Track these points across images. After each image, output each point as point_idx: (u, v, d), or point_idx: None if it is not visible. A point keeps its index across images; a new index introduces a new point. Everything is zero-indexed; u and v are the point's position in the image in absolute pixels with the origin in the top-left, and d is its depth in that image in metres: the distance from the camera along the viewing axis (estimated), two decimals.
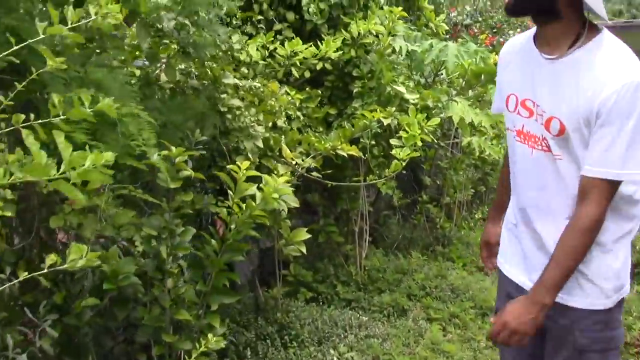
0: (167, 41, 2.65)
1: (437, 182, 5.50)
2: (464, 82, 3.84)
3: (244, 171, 2.38)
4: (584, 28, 1.66)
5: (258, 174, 2.47)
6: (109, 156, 1.38)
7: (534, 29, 1.81)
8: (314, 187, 4.03)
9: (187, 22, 2.53)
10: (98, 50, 2.46)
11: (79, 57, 2.49)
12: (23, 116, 1.45)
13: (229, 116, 2.86)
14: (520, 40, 1.88)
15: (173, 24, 2.49)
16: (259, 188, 2.46)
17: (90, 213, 2.29)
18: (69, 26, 1.51)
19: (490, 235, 2.25)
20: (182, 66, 2.91)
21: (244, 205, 2.47)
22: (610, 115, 1.58)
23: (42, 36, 1.44)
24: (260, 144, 2.94)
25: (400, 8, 3.91)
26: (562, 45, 1.68)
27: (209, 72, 2.87)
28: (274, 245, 3.34)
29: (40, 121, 1.48)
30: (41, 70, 1.54)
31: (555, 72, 1.69)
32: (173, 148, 2.37)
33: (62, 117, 1.48)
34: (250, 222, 2.44)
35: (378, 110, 3.37)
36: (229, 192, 2.45)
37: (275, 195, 2.49)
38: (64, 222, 2.23)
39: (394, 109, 3.47)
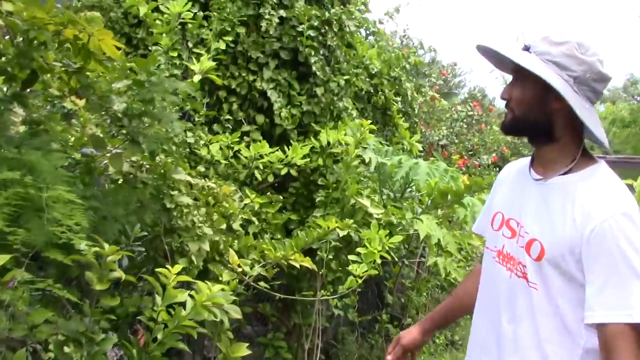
0: (116, 129, 2.51)
1: (401, 300, 5.28)
2: (430, 201, 3.73)
3: (174, 276, 2.16)
4: (579, 154, 1.60)
5: (189, 279, 2.26)
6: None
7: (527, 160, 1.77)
8: (267, 297, 3.79)
9: (138, 108, 2.41)
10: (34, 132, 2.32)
11: (17, 139, 2.34)
12: None
13: (175, 213, 2.67)
14: (519, 164, 1.82)
15: (123, 108, 2.37)
16: (191, 296, 2.24)
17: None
18: None
19: (407, 336, 1.99)
20: (134, 158, 2.77)
21: (174, 313, 2.24)
22: (597, 253, 1.47)
23: None
24: (206, 246, 2.74)
25: (369, 121, 3.86)
26: (557, 169, 1.61)
27: (160, 167, 2.71)
28: (213, 358, 3.07)
29: None
30: None
31: (542, 193, 1.62)
32: (106, 245, 2.17)
33: None
34: (177, 333, 2.20)
35: (333, 220, 3.22)
36: (157, 297, 2.22)
37: (210, 304, 2.28)
38: None
39: (351, 221, 3.32)
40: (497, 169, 13.34)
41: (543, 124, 1.61)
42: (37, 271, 2.33)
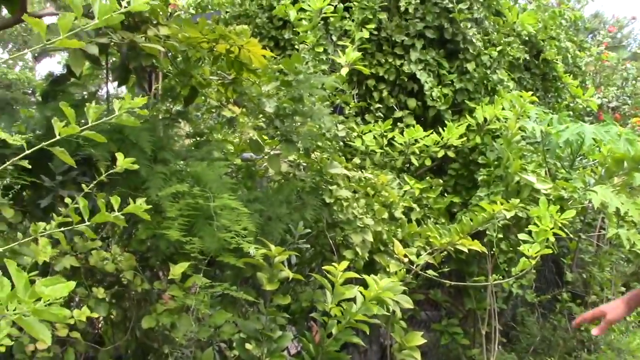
0: (272, 130, 2.59)
1: (582, 277, 4.93)
2: (603, 170, 3.42)
3: (341, 273, 2.17)
4: None
5: (355, 275, 2.25)
6: (69, 286, 1.05)
7: None
8: (437, 283, 3.72)
9: (288, 107, 2.45)
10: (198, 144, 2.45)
11: (182, 151, 2.49)
12: (43, 224, 1.37)
13: (336, 207, 2.69)
14: None
15: (274, 109, 2.43)
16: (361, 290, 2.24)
17: (184, 313, 2.20)
18: (90, 124, 1.38)
19: (614, 312, 1.91)
20: (291, 157, 2.83)
21: (345, 309, 2.25)
22: None
23: (57, 137, 1.33)
24: (369, 237, 2.74)
25: (530, 93, 3.62)
26: None
27: (316, 163, 2.75)
28: (386, 347, 3.06)
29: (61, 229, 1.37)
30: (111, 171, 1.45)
31: None
32: (272, 246, 2.24)
33: (87, 223, 1.37)
34: (350, 328, 2.21)
35: (499, 202, 3.06)
36: (327, 294, 2.25)
37: (383, 297, 2.27)
38: (156, 323, 2.15)
39: (517, 200, 3.13)
40: None
41: None
42: (214, 275, 2.47)
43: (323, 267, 2.32)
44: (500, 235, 3.29)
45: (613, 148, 3.39)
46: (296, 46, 3.86)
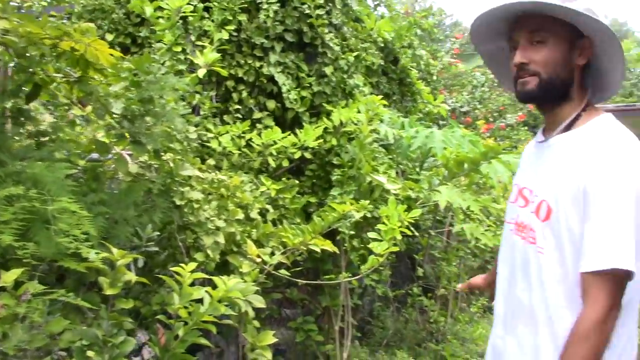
0: (119, 131, 2.53)
1: (435, 271, 5.24)
2: (446, 172, 3.66)
3: (189, 273, 2.18)
4: (584, 109, 1.61)
5: (203, 275, 2.27)
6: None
7: None
8: (295, 282, 3.81)
9: (137, 108, 2.41)
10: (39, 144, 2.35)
11: (21, 151, 2.38)
12: None
13: (186, 210, 2.68)
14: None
15: (120, 111, 2.38)
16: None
17: (17, 322, 2.10)
18: None
19: (476, 279, 2.23)
20: (142, 158, 2.79)
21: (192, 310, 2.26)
22: (595, 193, 1.46)
23: None
24: (221, 239, 2.75)
25: (380, 97, 3.80)
26: (561, 128, 1.63)
27: (168, 164, 2.72)
28: (243, 347, 3.10)
29: None
30: None
31: (546, 154, 1.63)
32: (114, 250, 2.19)
33: None
34: (197, 330, 2.22)
35: (348, 202, 3.19)
36: (175, 296, 2.24)
37: (232, 298, 2.29)
38: None
39: (367, 201, 3.28)
40: (526, 127, 13.06)
41: (567, 83, 1.59)
42: (55, 281, 2.38)
43: (171, 269, 2.31)
44: (353, 233, 3.43)
45: (458, 150, 3.64)
46: (153, 45, 3.78)
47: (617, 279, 1.46)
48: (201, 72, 3.47)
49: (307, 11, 3.99)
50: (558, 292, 1.55)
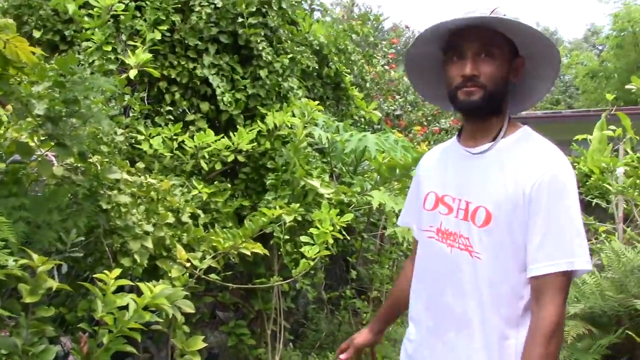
0: (43, 133, 2.45)
1: (369, 274, 5.29)
2: (378, 176, 3.72)
3: (113, 280, 2.13)
4: (507, 121, 1.68)
5: (128, 282, 2.23)
6: None
7: (449, 141, 1.87)
8: (227, 286, 3.78)
9: (60, 110, 2.34)
10: None
11: None
12: None
13: (113, 214, 2.63)
14: (440, 149, 1.90)
15: (43, 112, 2.31)
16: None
17: None
18: None
19: (359, 337, 2.10)
20: (68, 161, 2.71)
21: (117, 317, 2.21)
22: (541, 201, 1.53)
23: None
24: (149, 244, 2.70)
25: (322, 101, 3.82)
26: (490, 138, 1.68)
27: (95, 167, 2.65)
28: (169, 354, 3.05)
29: None
30: None
31: (481, 164, 1.66)
32: (35, 256, 2.12)
33: None
34: (121, 338, 2.17)
35: (278, 207, 3.20)
36: (98, 303, 2.19)
37: (158, 304, 2.26)
38: None
39: (297, 205, 3.29)
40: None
41: (503, 98, 1.66)
42: None
43: (94, 276, 2.25)
44: (287, 238, 3.43)
45: (387, 156, 3.70)
46: (82, 44, 3.68)
47: (569, 279, 1.54)
48: (132, 73, 3.40)
49: (244, 12, 3.97)
50: (494, 296, 1.60)
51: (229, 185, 3.66)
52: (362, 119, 5.38)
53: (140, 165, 3.03)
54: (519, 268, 1.58)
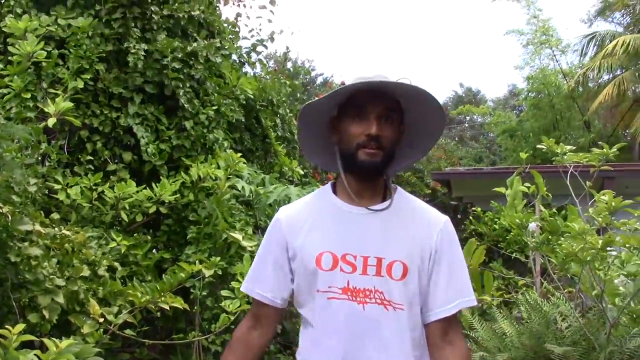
0: None
1: (297, 327, 5.22)
2: None
3: (15, 336, 2.02)
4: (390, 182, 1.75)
5: (32, 337, 2.12)
6: None
7: (315, 193, 1.79)
8: (144, 342, 3.65)
9: None
10: None
11: None
12: None
13: (22, 267, 2.51)
14: (303, 207, 1.75)
15: None
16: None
17: None
18: None
19: None
20: None
21: None
22: (444, 250, 1.68)
23: None
24: (60, 299, 2.59)
25: (240, 153, 3.83)
26: (378, 197, 1.71)
27: (5, 218, 2.54)
28: None
29: None
30: None
31: (383, 221, 1.68)
32: None
33: None
34: None
35: (197, 262, 3.15)
36: None
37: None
38: None
39: (218, 259, 3.26)
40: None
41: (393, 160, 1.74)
42: None
43: None
44: (205, 293, 3.36)
45: None
46: None
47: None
48: (51, 121, 3.31)
49: (171, 64, 3.97)
50: (412, 343, 1.66)
51: (150, 238, 3.58)
52: (291, 172, 5.41)
53: (56, 216, 2.94)
54: (422, 314, 1.69)
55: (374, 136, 1.63)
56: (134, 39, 3.97)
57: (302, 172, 5.49)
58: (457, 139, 28.04)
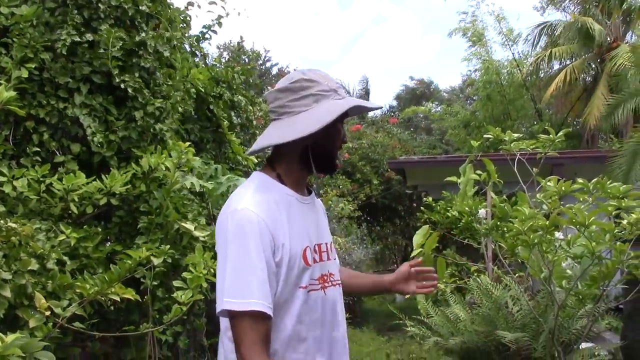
0: None
1: None
2: None
3: None
4: None
5: None
6: None
7: (259, 184, 1.76)
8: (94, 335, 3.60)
9: None
10: None
11: None
12: None
13: None
14: (270, 202, 1.71)
15: None
16: None
17: None
18: None
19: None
20: None
21: None
22: None
23: None
24: (6, 293, 2.54)
25: (187, 144, 3.80)
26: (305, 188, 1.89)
27: None
28: None
29: None
30: None
31: (310, 210, 1.85)
32: None
33: None
34: None
35: (144, 249, 3.12)
36: None
37: (15, 354, 2.12)
38: None
39: (167, 247, 3.23)
40: (345, 174, 13.63)
41: None
42: None
43: None
44: (156, 283, 3.34)
45: None
46: None
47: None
48: None
49: (119, 54, 3.90)
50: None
51: (100, 230, 3.52)
52: (245, 160, 5.40)
53: (1, 208, 2.87)
54: None
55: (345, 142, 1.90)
56: (69, 26, 3.86)
57: (256, 161, 5.49)
58: (411, 129, 28.35)
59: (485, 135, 5.14)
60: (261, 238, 1.61)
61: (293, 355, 1.71)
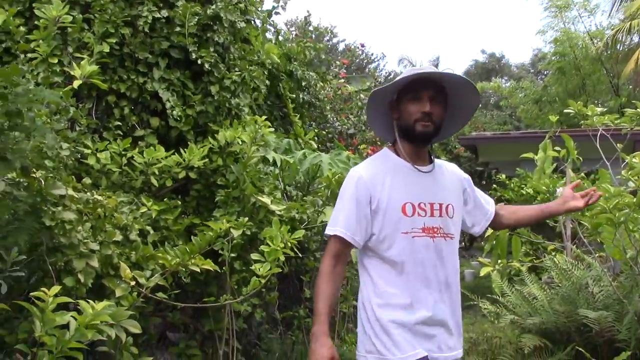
0: None
1: None
2: (329, 192, 3.71)
3: (52, 298, 2.04)
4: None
5: (68, 299, 2.14)
6: None
7: (378, 155, 2.36)
8: (175, 305, 3.68)
9: (2, 122, 2.25)
10: None
11: None
12: None
13: (57, 231, 2.53)
14: (380, 167, 2.27)
15: None
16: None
17: None
18: None
19: (334, 351, 2.14)
20: (10, 175, 2.60)
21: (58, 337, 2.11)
22: (467, 188, 2.47)
23: None
24: (94, 263, 2.61)
25: (264, 117, 3.80)
26: (425, 159, 2.33)
27: (38, 182, 2.55)
28: None
29: None
30: None
31: (434, 177, 2.30)
32: None
33: None
34: (63, 358, 2.08)
35: (225, 221, 3.14)
36: (36, 322, 2.09)
37: (98, 322, 2.17)
38: None
39: (246, 219, 3.25)
40: None
41: None
42: None
43: (31, 294, 2.15)
44: (235, 255, 3.37)
45: (337, 173, 3.69)
46: (26, 55, 3.56)
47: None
48: (76, 83, 3.29)
49: (188, 29, 3.92)
50: (456, 260, 2.31)
51: (180, 203, 3.58)
52: (304, 143, 5.37)
53: (87, 181, 2.95)
54: (477, 225, 2.48)
55: (427, 113, 2.17)
56: (149, 2, 3.91)
57: (315, 147, 5.42)
58: (480, 105, 27.66)
59: (565, 110, 4.92)
60: (356, 189, 2.21)
61: (398, 284, 2.18)
